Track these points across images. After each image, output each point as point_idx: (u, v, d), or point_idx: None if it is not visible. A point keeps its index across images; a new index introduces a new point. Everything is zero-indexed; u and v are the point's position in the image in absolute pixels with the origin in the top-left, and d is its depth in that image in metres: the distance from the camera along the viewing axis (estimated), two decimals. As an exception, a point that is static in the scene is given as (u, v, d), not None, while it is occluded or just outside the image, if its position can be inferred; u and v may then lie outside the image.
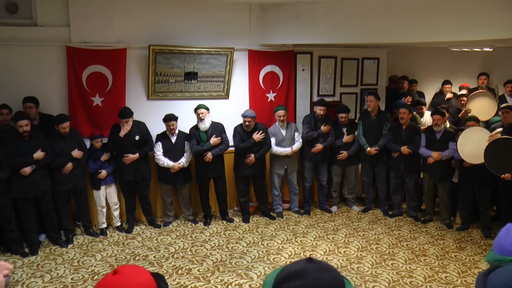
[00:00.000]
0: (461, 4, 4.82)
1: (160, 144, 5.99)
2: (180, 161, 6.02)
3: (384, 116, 6.64)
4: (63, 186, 5.43)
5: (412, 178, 6.47)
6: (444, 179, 6.19)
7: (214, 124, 6.14)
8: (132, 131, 5.76)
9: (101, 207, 5.85)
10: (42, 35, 5.54)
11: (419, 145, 6.24)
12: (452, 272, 4.93)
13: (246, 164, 6.24)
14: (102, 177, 5.73)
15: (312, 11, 6.02)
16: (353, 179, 6.96)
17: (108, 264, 5.04)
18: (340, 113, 6.65)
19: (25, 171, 5.04)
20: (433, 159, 6.08)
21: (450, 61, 8.49)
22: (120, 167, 5.81)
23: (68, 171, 5.42)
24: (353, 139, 6.68)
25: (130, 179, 5.83)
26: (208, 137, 6.06)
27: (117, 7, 5.83)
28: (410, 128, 6.34)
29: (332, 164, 6.82)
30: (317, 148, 6.55)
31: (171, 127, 5.93)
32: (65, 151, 5.40)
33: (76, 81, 5.73)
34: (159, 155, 5.98)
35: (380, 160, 6.61)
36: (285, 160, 6.54)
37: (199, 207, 6.53)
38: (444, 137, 6.10)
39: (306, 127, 6.58)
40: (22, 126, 5.03)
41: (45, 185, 5.25)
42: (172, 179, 6.09)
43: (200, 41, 6.24)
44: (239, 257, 5.25)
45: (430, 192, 6.39)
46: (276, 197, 6.67)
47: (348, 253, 5.42)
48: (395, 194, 6.65)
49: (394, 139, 6.42)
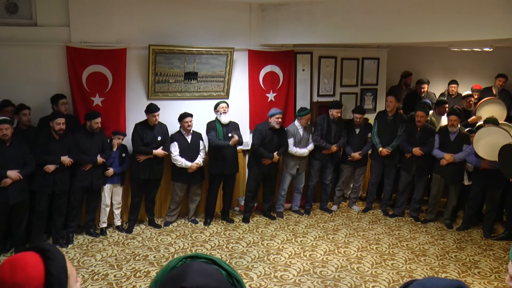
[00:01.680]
0: (461, 4, 4.82)
1: (176, 144, 6.00)
2: (197, 161, 6.05)
3: (400, 118, 6.62)
4: (80, 183, 5.50)
5: (423, 179, 6.46)
6: (456, 181, 6.18)
7: (231, 122, 6.21)
8: (155, 131, 5.85)
9: (105, 206, 5.86)
10: (42, 35, 5.54)
11: (433, 147, 6.22)
12: (452, 272, 4.93)
13: (262, 163, 6.25)
14: (108, 175, 5.74)
15: (312, 11, 6.02)
16: (359, 179, 6.96)
17: (108, 264, 5.04)
18: (355, 114, 6.64)
19: (49, 168, 5.17)
20: (446, 161, 6.07)
21: (453, 61, 8.44)
22: (136, 165, 5.84)
23: (88, 169, 5.51)
24: (361, 157, 6.67)
25: (145, 177, 5.86)
26: (224, 133, 6.07)
27: (117, 7, 5.83)
28: (425, 130, 6.31)
29: (343, 163, 6.82)
30: (330, 150, 6.56)
31: (188, 123, 5.94)
32: (90, 150, 5.51)
33: (76, 81, 5.73)
34: (176, 156, 5.97)
35: (391, 162, 6.60)
36: (299, 160, 6.56)
37: (199, 207, 6.52)
38: (458, 139, 6.07)
39: (318, 129, 6.56)
40: (59, 124, 5.18)
41: (65, 184, 5.37)
42: (188, 178, 6.10)
43: (200, 41, 6.24)
44: (239, 257, 5.25)
45: (439, 194, 6.37)
46: (281, 197, 6.67)
47: (348, 253, 5.42)
48: (402, 194, 6.63)
49: (408, 140, 6.40)
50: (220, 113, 6.11)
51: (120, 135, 5.81)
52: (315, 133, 6.56)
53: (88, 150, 5.51)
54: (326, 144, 6.53)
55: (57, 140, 5.25)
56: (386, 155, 6.54)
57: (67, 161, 5.28)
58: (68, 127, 5.38)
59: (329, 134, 6.59)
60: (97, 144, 5.59)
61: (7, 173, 4.87)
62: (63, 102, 5.53)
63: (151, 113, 5.79)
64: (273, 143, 6.26)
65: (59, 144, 5.26)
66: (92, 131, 5.53)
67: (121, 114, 6.01)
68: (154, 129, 5.88)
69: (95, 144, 5.57)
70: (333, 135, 6.60)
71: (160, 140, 5.89)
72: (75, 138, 5.45)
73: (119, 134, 5.81)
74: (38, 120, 5.55)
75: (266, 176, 6.41)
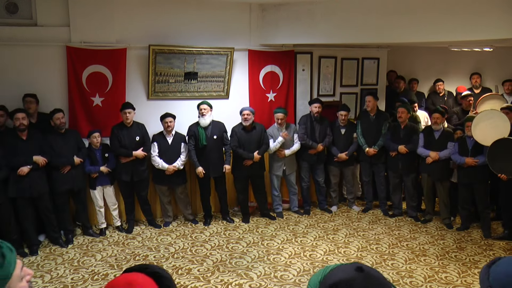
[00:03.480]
0: (461, 4, 4.82)
1: (156, 144, 5.97)
2: (175, 164, 6.00)
3: (383, 116, 6.64)
4: (62, 186, 5.40)
5: (411, 177, 6.47)
6: (443, 179, 6.19)
7: (215, 122, 6.12)
8: (133, 132, 5.77)
9: (98, 207, 5.84)
10: (42, 35, 5.54)
11: (417, 144, 6.24)
12: (452, 272, 4.93)
13: (244, 165, 6.23)
14: (93, 176, 5.68)
15: (312, 11, 6.02)
16: (351, 180, 6.96)
17: (108, 264, 5.04)
18: (341, 111, 6.62)
19: (23, 171, 5.02)
20: (432, 159, 6.09)
21: (445, 60, 8.46)
22: (118, 167, 5.80)
23: (67, 171, 5.41)
24: (347, 157, 6.65)
25: (127, 179, 5.81)
26: (207, 135, 6.04)
27: (117, 7, 5.83)
28: (409, 128, 6.34)
29: (329, 165, 6.82)
30: (317, 149, 6.54)
31: (168, 124, 5.88)
32: (64, 151, 5.37)
33: (76, 81, 5.73)
34: (155, 156, 5.95)
35: (379, 160, 6.61)
36: (283, 161, 6.53)
37: (199, 207, 6.52)
38: (442, 137, 6.10)
39: (303, 128, 6.56)
40: (19, 118, 4.97)
41: (41, 185, 5.20)
42: (168, 180, 6.06)
43: (200, 41, 6.24)
44: (239, 257, 5.25)
45: (429, 192, 6.39)
46: (276, 198, 6.66)
47: (348, 253, 5.42)
48: (394, 194, 6.65)
49: (392, 138, 6.42)
50: (200, 114, 5.99)
51: (94, 133, 5.65)
52: (300, 132, 6.54)
53: (63, 151, 5.34)
54: (312, 143, 6.51)
55: (24, 140, 5.07)
56: (373, 155, 6.55)
57: (40, 160, 5.09)
58: (40, 128, 5.26)
59: (313, 133, 6.56)
60: (71, 144, 5.43)
61: None
62: (28, 101, 5.34)
63: (123, 111, 5.70)
64: (251, 143, 6.19)
65: (26, 144, 5.05)
66: (58, 128, 5.33)
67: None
68: (131, 129, 5.77)
69: (69, 144, 5.41)
70: (317, 134, 6.57)
71: (138, 140, 5.79)
72: (46, 139, 5.24)
73: (93, 132, 5.66)
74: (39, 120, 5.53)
75: (251, 177, 6.37)
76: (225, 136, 6.18)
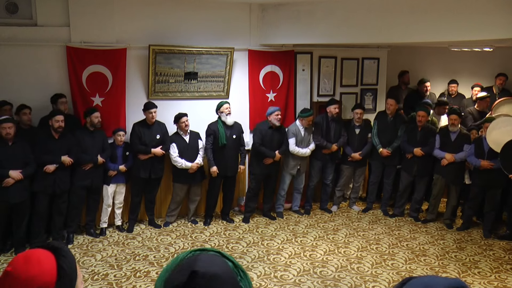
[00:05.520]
0: (461, 4, 4.82)
1: (175, 145, 5.98)
2: (197, 160, 6.03)
3: (401, 118, 6.62)
4: (80, 182, 5.49)
5: (424, 180, 6.45)
6: (457, 182, 6.18)
7: (235, 123, 6.18)
8: (154, 130, 5.85)
9: (107, 206, 5.85)
10: (42, 35, 5.54)
11: (434, 147, 6.21)
12: (452, 272, 4.93)
13: (263, 163, 6.24)
14: (111, 175, 5.74)
15: (312, 11, 6.02)
16: (360, 179, 6.96)
17: (108, 264, 5.04)
18: (356, 109, 6.62)
19: (49, 169, 5.16)
20: (447, 161, 6.06)
21: (454, 61, 8.41)
22: (136, 164, 5.84)
23: (88, 168, 5.50)
24: (361, 158, 6.66)
25: (145, 176, 5.85)
26: (227, 135, 6.04)
27: (117, 7, 5.83)
28: (426, 130, 6.30)
29: (343, 164, 6.82)
30: (331, 149, 6.55)
31: (185, 123, 5.92)
32: (90, 149, 5.50)
33: (76, 81, 5.73)
34: (176, 157, 5.94)
35: (392, 162, 6.59)
36: (300, 160, 6.56)
37: (199, 207, 6.52)
38: (458, 139, 6.06)
39: (319, 129, 6.57)
40: (58, 121, 5.15)
41: (65, 183, 5.36)
42: (189, 179, 6.08)
43: (200, 41, 6.24)
44: (239, 257, 5.25)
45: (440, 193, 6.37)
46: (281, 198, 6.67)
47: (348, 253, 5.42)
48: (403, 195, 6.63)
49: (409, 141, 6.39)
50: (224, 114, 6.06)
51: (120, 131, 5.79)
52: (316, 132, 6.56)
53: (89, 149, 5.50)
54: (327, 144, 6.54)
55: (56, 140, 5.24)
56: (386, 156, 6.54)
57: (67, 161, 5.27)
58: (69, 126, 5.37)
59: (328, 133, 6.59)
60: (98, 144, 5.58)
61: (9, 173, 4.87)
62: (62, 102, 5.52)
63: (148, 110, 5.79)
64: (273, 142, 6.26)
65: (58, 144, 5.24)
66: (93, 127, 5.51)
67: (121, 114, 6.01)
68: (152, 128, 5.86)
69: (96, 143, 5.56)
70: (332, 134, 6.60)
71: (159, 138, 5.88)
72: (75, 137, 5.43)
73: (119, 131, 5.79)
74: (39, 120, 5.54)
75: (267, 176, 6.40)
76: (242, 137, 6.20)
